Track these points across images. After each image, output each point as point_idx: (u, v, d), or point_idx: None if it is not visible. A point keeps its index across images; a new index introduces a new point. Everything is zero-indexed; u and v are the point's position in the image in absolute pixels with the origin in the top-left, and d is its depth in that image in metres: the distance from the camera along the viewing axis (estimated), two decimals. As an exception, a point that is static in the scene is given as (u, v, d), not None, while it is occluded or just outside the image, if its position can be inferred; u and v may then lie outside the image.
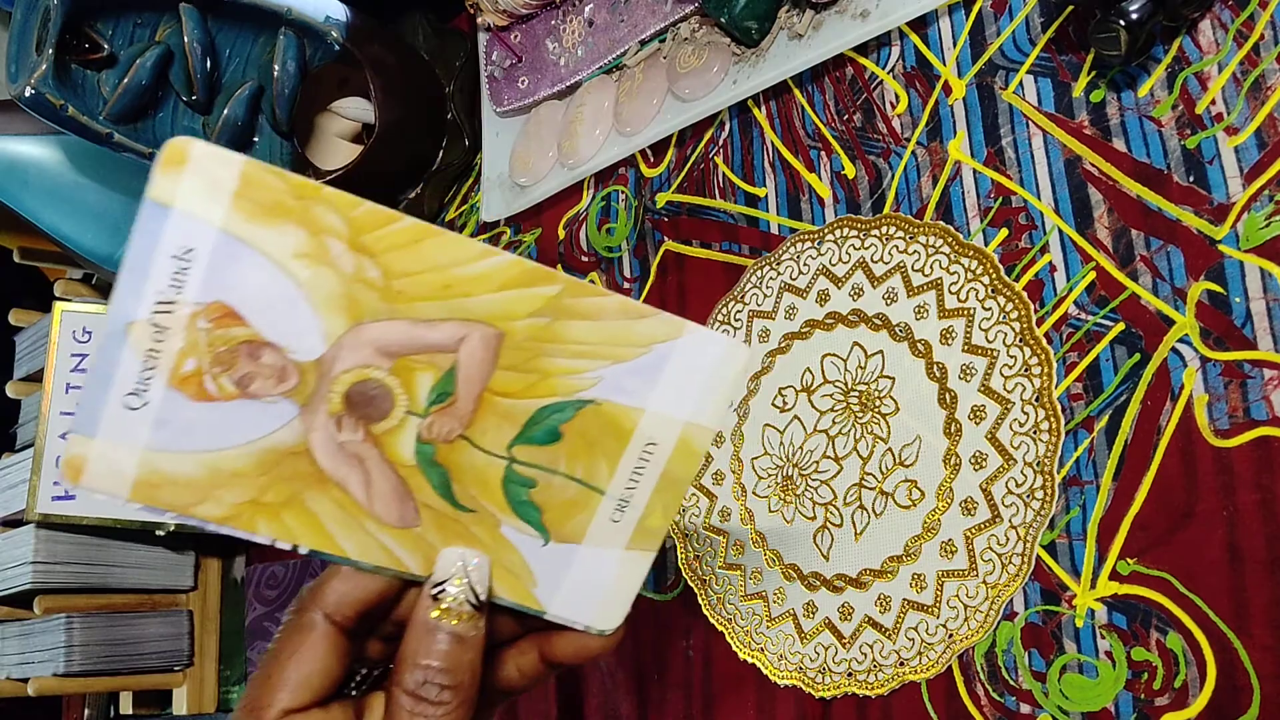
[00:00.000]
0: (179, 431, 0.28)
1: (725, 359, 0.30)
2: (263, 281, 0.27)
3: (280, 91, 0.66)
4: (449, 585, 0.29)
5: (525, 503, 0.31)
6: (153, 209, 0.26)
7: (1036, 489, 0.47)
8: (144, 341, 0.27)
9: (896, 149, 0.54)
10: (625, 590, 0.32)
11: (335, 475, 0.29)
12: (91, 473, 0.28)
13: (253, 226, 0.27)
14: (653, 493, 0.31)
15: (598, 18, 0.67)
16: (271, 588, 0.83)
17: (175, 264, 0.26)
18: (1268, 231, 0.42)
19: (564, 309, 0.29)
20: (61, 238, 0.75)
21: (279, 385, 0.28)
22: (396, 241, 0.28)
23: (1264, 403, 0.41)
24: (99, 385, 0.27)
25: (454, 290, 0.28)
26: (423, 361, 0.29)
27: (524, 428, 0.30)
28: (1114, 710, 0.44)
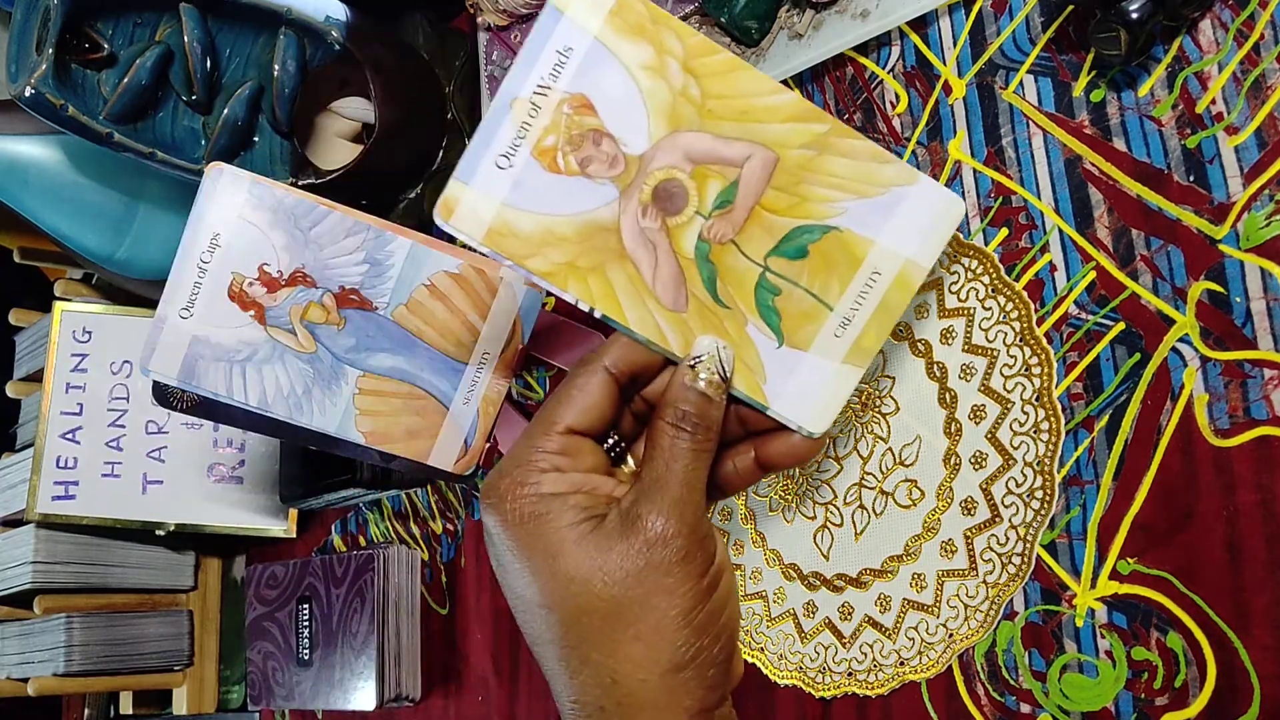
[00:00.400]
0: (530, 194, 0.34)
1: (946, 210, 0.35)
2: (616, 83, 0.34)
3: (280, 91, 0.66)
4: (704, 360, 0.35)
5: (770, 308, 0.36)
6: (551, 11, 0.33)
7: (1036, 489, 0.47)
8: (521, 115, 0.34)
9: (897, 148, 0.54)
10: (837, 398, 0.36)
11: (633, 254, 0.35)
12: (460, 214, 0.34)
13: (618, 39, 0.33)
14: (871, 316, 0.36)
15: (598, 17, 0.67)
16: (271, 587, 0.83)
17: (557, 57, 0.33)
18: (1268, 231, 0.42)
19: (828, 145, 0.35)
20: (61, 238, 0.75)
21: (609, 170, 0.34)
22: (716, 68, 0.34)
23: (1264, 402, 0.41)
24: (482, 143, 0.34)
25: (750, 116, 0.34)
26: (716, 171, 0.35)
27: (780, 241, 0.35)
28: (1114, 710, 0.44)
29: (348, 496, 0.79)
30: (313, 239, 0.48)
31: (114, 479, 0.83)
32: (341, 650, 0.76)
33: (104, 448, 0.83)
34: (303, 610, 0.80)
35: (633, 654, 0.33)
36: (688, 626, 0.33)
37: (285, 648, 0.81)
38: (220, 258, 0.47)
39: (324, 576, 0.79)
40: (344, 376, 0.50)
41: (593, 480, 0.35)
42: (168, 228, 0.77)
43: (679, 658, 0.33)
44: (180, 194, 0.76)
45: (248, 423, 0.53)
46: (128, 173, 0.75)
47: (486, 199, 0.34)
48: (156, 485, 0.84)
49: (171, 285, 0.47)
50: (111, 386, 0.84)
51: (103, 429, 0.83)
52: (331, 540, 0.87)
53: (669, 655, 0.33)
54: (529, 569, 0.34)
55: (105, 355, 0.85)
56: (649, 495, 0.34)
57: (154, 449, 0.85)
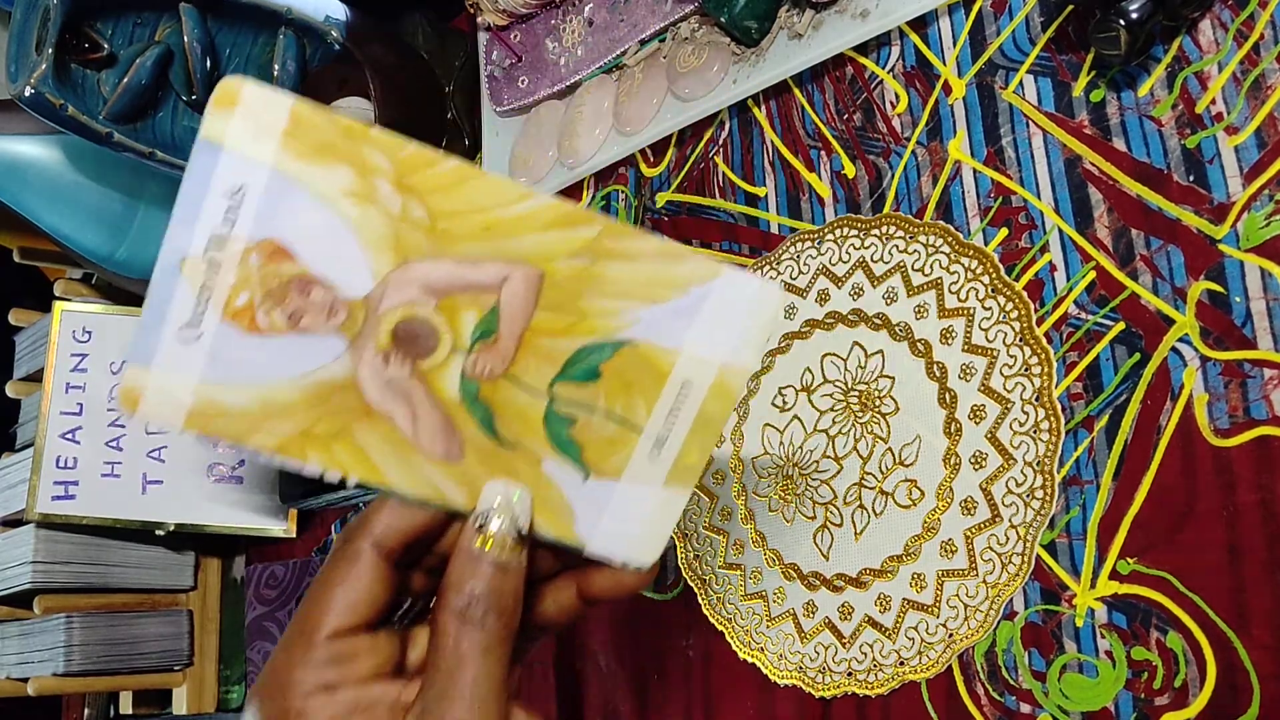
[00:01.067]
0: (233, 363, 0.29)
1: (760, 301, 0.31)
2: (313, 219, 0.28)
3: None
4: (493, 516, 0.30)
5: (566, 439, 0.32)
6: (205, 147, 0.27)
7: (1036, 488, 0.47)
8: (198, 276, 0.28)
9: (896, 148, 0.54)
10: (663, 526, 0.33)
11: (382, 409, 0.30)
12: (148, 403, 0.29)
13: (303, 165, 0.28)
14: (689, 432, 0.32)
15: (597, 17, 0.67)
16: (271, 588, 0.83)
17: (227, 201, 0.28)
18: (1268, 231, 0.42)
19: (603, 250, 0.30)
20: (61, 238, 0.75)
21: (328, 320, 0.30)
22: (441, 183, 0.29)
23: (1264, 402, 0.41)
24: (154, 318, 0.29)
25: (496, 231, 0.30)
26: (467, 300, 0.30)
27: (564, 366, 0.31)
28: (1114, 710, 0.44)
29: (348, 496, 0.79)
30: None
31: (114, 479, 0.83)
32: (341, 650, 0.76)
33: (104, 448, 0.83)
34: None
35: None
36: None
37: (285, 648, 0.81)
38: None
39: (324, 576, 0.79)
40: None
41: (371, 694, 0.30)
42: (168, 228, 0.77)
43: None
44: (180, 194, 0.76)
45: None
46: (128, 173, 0.75)
47: (177, 379, 0.29)
48: (156, 485, 0.84)
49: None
50: (111, 386, 0.84)
51: (102, 429, 0.83)
52: (331, 540, 0.87)
53: None
54: None
55: (105, 355, 0.85)
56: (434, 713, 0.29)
57: (154, 449, 0.85)
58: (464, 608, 0.29)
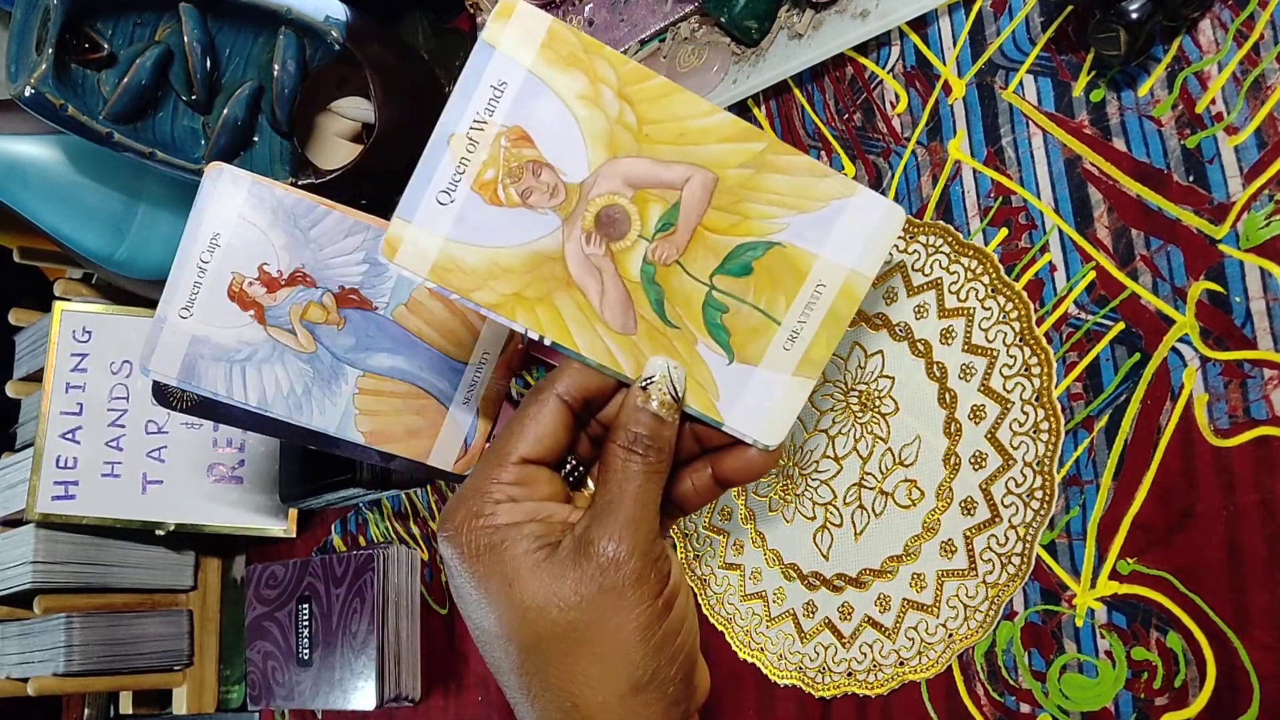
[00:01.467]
0: (473, 228, 0.35)
1: (886, 219, 0.36)
2: (552, 114, 0.34)
3: (280, 91, 0.66)
4: (655, 381, 0.36)
5: (718, 325, 0.37)
6: (483, 47, 0.33)
7: (1036, 489, 0.47)
8: (459, 150, 0.34)
9: (896, 148, 0.54)
10: (789, 410, 0.37)
11: (579, 281, 0.36)
12: (404, 251, 0.35)
13: (552, 70, 0.34)
14: (819, 328, 0.37)
15: (597, 17, 0.67)
16: (271, 587, 0.83)
17: (492, 92, 0.34)
18: (1268, 231, 0.42)
19: (766, 163, 0.35)
20: (61, 238, 0.75)
21: (550, 200, 0.35)
22: (651, 94, 0.35)
23: (1264, 402, 0.41)
24: (422, 181, 0.34)
25: (687, 138, 0.35)
26: (656, 195, 0.35)
27: (724, 260, 0.36)
28: (1114, 710, 0.44)
29: (348, 496, 0.79)
30: (313, 239, 0.48)
31: (114, 479, 0.83)
32: (341, 650, 0.76)
33: (104, 447, 0.83)
34: (302, 610, 0.80)
35: (591, 677, 0.33)
36: (644, 647, 0.34)
37: (285, 647, 0.81)
38: (220, 257, 0.47)
39: (324, 576, 0.79)
40: (344, 376, 0.49)
41: (548, 508, 0.35)
42: (168, 228, 0.77)
43: (637, 678, 0.34)
44: (180, 194, 0.76)
45: (247, 422, 0.53)
46: (127, 173, 0.75)
47: (430, 235, 0.35)
48: (156, 485, 0.84)
49: (171, 285, 0.47)
50: (111, 386, 0.84)
51: (103, 429, 0.83)
52: (331, 540, 0.87)
53: (627, 676, 0.33)
54: (486, 599, 0.34)
55: (105, 355, 0.85)
56: (601, 519, 0.34)
57: (154, 449, 0.85)
58: (631, 441, 0.35)
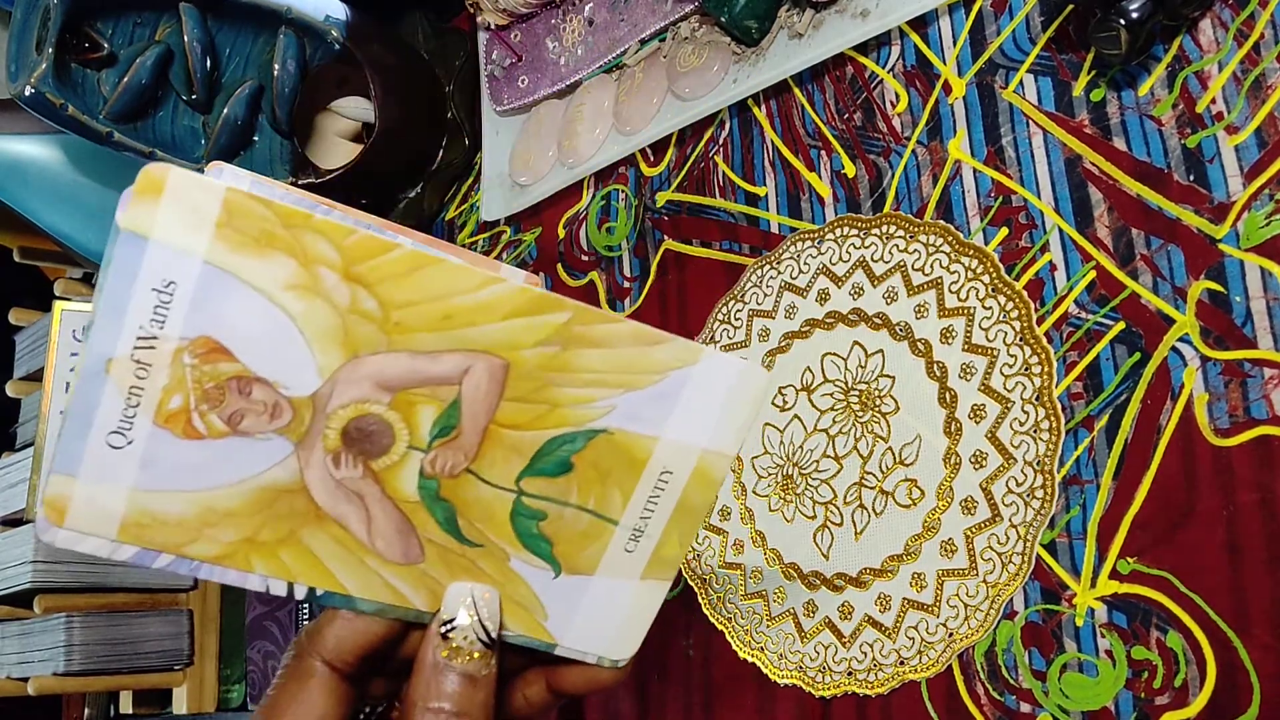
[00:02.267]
0: (167, 470, 0.27)
1: (744, 383, 0.30)
2: (252, 315, 0.26)
3: (280, 91, 0.66)
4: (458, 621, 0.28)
5: (535, 535, 0.30)
6: (128, 239, 0.24)
7: (1036, 488, 0.47)
8: (126, 378, 0.26)
9: (897, 148, 0.54)
10: (640, 620, 0.32)
11: (334, 512, 0.29)
12: (76, 514, 0.27)
13: (239, 257, 0.25)
14: (669, 522, 0.31)
15: (598, 17, 0.67)
16: (271, 587, 0.83)
17: (156, 297, 0.25)
18: (1268, 230, 0.42)
19: (574, 337, 0.28)
20: (61, 237, 0.75)
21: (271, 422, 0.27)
22: (392, 271, 0.26)
23: (1264, 402, 0.41)
24: (80, 424, 0.26)
25: (456, 320, 0.27)
26: (425, 395, 0.28)
27: (533, 459, 0.29)
28: (1114, 709, 0.44)
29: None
30: (312, 239, 0.48)
31: (114, 478, 0.83)
32: (341, 650, 0.76)
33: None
34: (303, 610, 0.80)
35: None
36: None
37: (285, 647, 0.81)
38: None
39: (324, 576, 0.79)
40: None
41: None
42: (168, 227, 0.77)
43: None
44: (180, 193, 0.76)
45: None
46: (128, 172, 0.75)
47: (107, 489, 0.27)
48: (156, 485, 0.84)
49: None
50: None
51: (103, 428, 0.83)
52: (331, 540, 0.87)
53: None
54: None
55: (105, 355, 0.85)
56: None
57: (154, 448, 0.84)
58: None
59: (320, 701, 0.28)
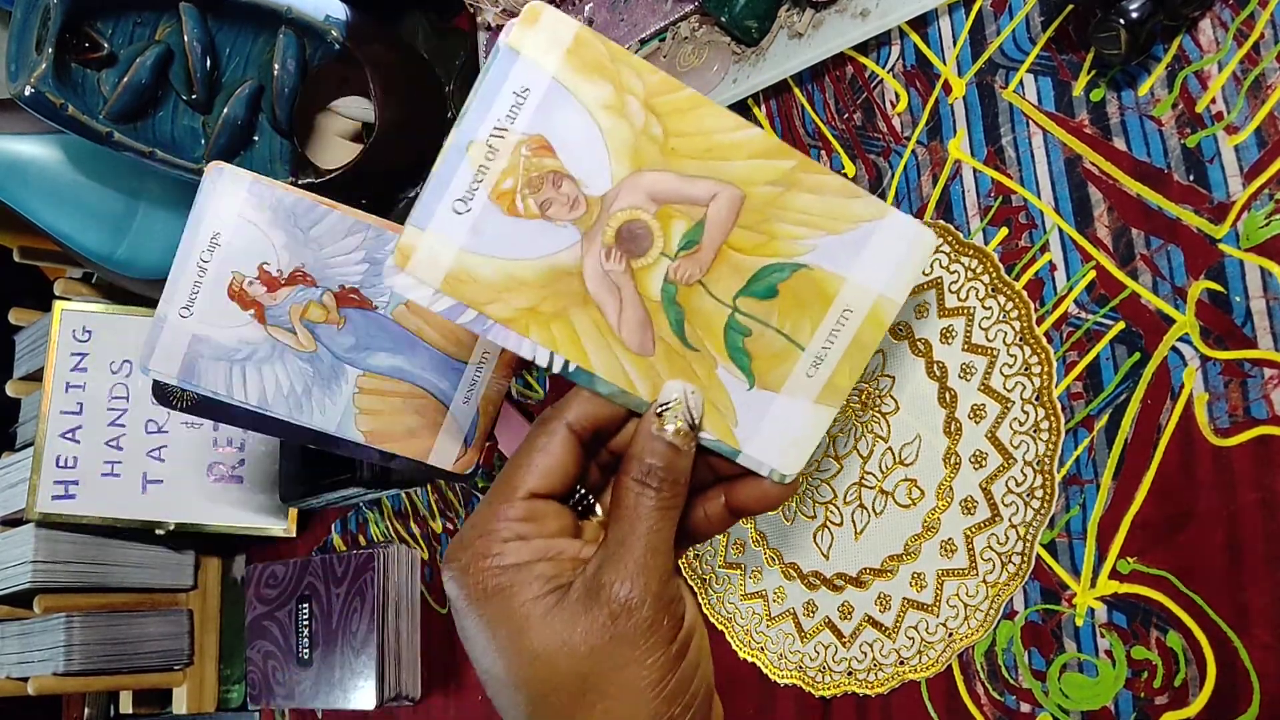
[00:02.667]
0: (489, 238, 0.33)
1: (916, 242, 0.35)
2: (576, 124, 0.33)
3: (280, 91, 0.66)
4: (671, 406, 0.34)
5: (740, 349, 0.35)
6: (506, 52, 0.32)
7: (1036, 488, 0.47)
8: (478, 158, 0.33)
9: (897, 148, 0.54)
10: (809, 439, 0.36)
11: (597, 298, 0.34)
12: (417, 260, 0.33)
13: (577, 78, 0.32)
14: (843, 354, 0.35)
15: (597, 17, 0.67)
16: (271, 587, 0.83)
17: (514, 99, 0.32)
18: (1268, 230, 0.42)
19: (796, 181, 0.34)
20: (61, 237, 0.75)
21: (570, 212, 0.34)
22: (678, 106, 0.33)
23: (1264, 401, 0.41)
24: (438, 188, 0.33)
25: (714, 153, 0.33)
26: (680, 210, 0.34)
27: (749, 281, 0.35)
28: (1114, 709, 0.44)
29: (348, 496, 0.79)
30: (313, 238, 0.48)
31: (114, 478, 0.83)
32: (341, 650, 0.76)
33: (104, 447, 0.83)
34: (302, 610, 0.80)
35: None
36: (658, 697, 0.32)
37: (285, 647, 0.81)
38: (220, 257, 0.47)
39: (324, 576, 0.79)
40: (344, 375, 0.50)
41: (557, 545, 0.34)
42: (167, 227, 0.77)
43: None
44: (180, 194, 0.76)
45: (247, 422, 0.53)
46: (127, 172, 0.75)
47: (444, 244, 0.33)
48: (156, 484, 0.84)
49: (171, 284, 0.47)
50: (111, 386, 0.84)
51: (102, 428, 0.83)
52: (331, 539, 0.87)
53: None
54: (494, 646, 0.33)
55: (105, 354, 0.85)
56: (613, 561, 0.33)
57: (154, 448, 0.85)
58: (644, 474, 0.33)
59: (559, 451, 0.34)
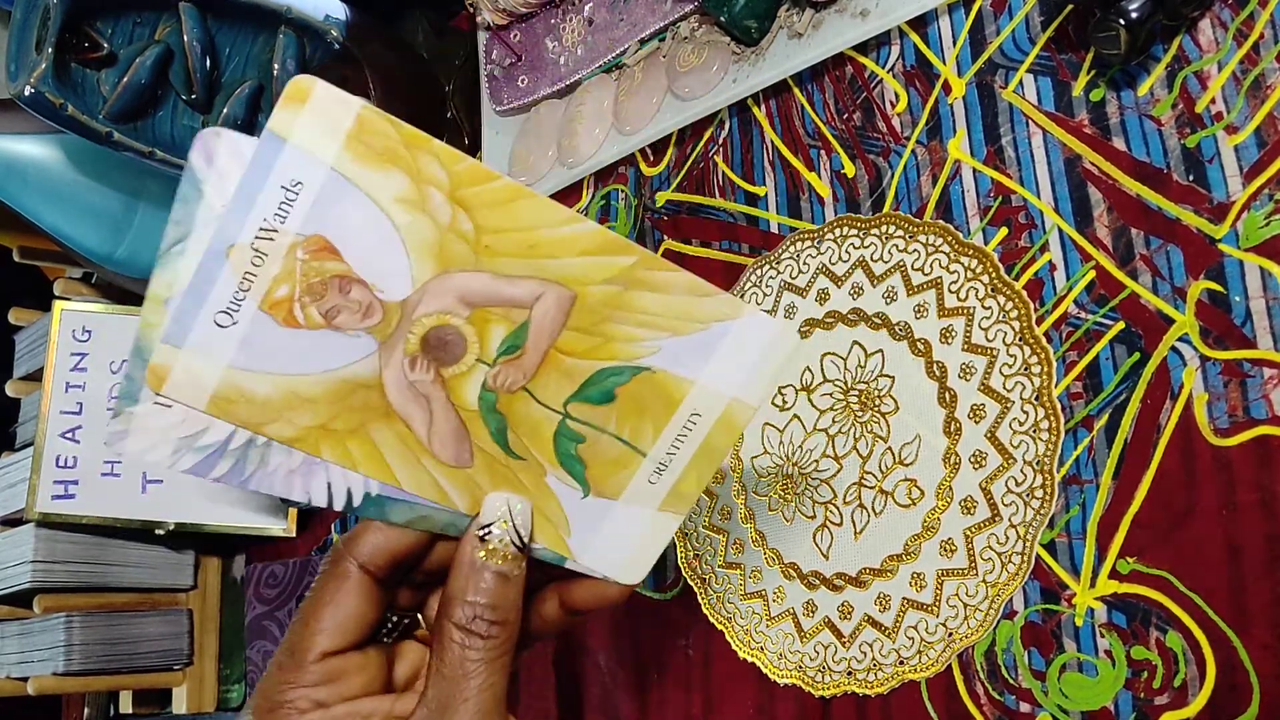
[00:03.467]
0: (263, 353, 0.30)
1: (776, 342, 0.33)
2: (363, 221, 0.29)
3: (280, 90, 0.66)
4: (495, 527, 0.31)
5: (572, 456, 0.33)
6: (270, 140, 0.28)
7: (1036, 488, 0.47)
8: (242, 264, 0.29)
9: (896, 148, 0.54)
10: (652, 548, 0.34)
11: (402, 411, 0.31)
12: (174, 382, 0.29)
13: (361, 168, 0.28)
14: (690, 460, 0.33)
15: (597, 17, 0.67)
16: (271, 587, 0.83)
17: (283, 194, 0.28)
18: (1267, 230, 0.42)
19: (637, 279, 0.31)
20: (61, 237, 0.75)
21: (363, 321, 0.30)
22: (492, 199, 0.29)
23: (1263, 401, 0.41)
24: (194, 300, 0.29)
25: (538, 250, 0.30)
26: (499, 314, 0.31)
27: (582, 386, 0.32)
28: (1114, 709, 0.44)
29: (347, 496, 0.78)
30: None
31: (114, 478, 0.83)
32: (341, 649, 0.76)
33: (104, 447, 0.83)
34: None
35: None
36: None
37: (285, 647, 0.81)
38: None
39: (324, 576, 0.79)
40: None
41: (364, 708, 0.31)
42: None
43: None
44: (180, 193, 0.76)
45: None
46: (127, 172, 0.75)
47: (207, 362, 0.29)
48: (156, 484, 0.84)
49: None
50: (111, 386, 0.84)
51: (102, 428, 0.83)
52: (331, 539, 0.87)
53: None
54: None
55: (105, 354, 0.85)
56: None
57: (154, 448, 0.84)
58: (469, 619, 0.30)
59: (353, 599, 0.31)
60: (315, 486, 0.31)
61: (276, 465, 0.31)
